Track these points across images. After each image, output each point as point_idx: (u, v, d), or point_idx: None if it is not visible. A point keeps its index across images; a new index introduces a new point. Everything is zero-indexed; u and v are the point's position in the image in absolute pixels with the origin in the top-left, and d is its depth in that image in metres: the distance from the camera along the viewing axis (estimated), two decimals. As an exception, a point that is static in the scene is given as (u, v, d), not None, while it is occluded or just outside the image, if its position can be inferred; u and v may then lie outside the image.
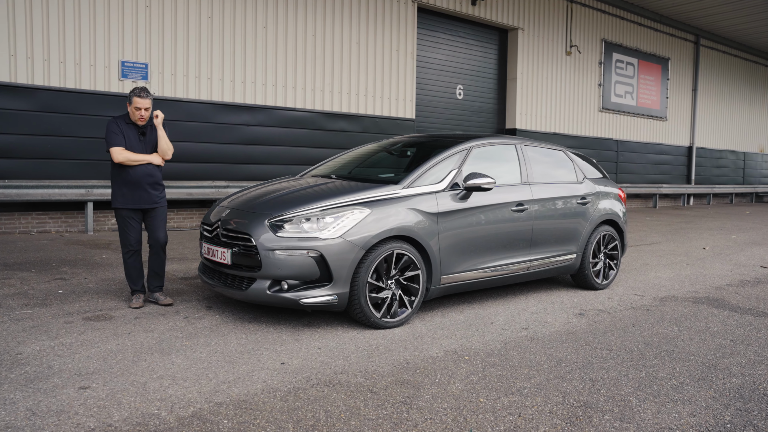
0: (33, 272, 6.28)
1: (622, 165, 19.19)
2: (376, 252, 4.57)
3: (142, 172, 4.95)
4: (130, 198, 4.94)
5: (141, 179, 4.94)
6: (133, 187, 4.93)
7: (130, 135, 4.95)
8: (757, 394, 3.65)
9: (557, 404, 3.39)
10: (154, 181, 5.03)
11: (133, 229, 5.01)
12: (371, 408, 3.25)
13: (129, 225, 4.99)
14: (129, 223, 4.99)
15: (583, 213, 6.18)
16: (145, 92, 4.88)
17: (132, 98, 4.89)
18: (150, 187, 5.00)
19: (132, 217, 4.99)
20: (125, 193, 4.94)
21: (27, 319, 4.62)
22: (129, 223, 4.99)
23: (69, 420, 2.95)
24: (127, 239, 5.01)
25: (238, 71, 10.95)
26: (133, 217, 5.00)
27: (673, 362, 4.18)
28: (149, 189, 4.99)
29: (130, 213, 4.98)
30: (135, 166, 4.91)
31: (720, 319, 5.39)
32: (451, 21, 14.75)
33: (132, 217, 4.99)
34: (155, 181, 5.04)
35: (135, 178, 4.92)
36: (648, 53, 19.93)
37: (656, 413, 3.33)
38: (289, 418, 3.08)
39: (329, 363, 3.92)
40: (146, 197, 5.00)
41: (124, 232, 5.01)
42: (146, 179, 4.97)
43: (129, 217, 4.98)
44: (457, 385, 3.61)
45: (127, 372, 3.61)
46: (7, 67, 8.70)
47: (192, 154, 10.49)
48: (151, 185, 5.00)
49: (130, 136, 4.94)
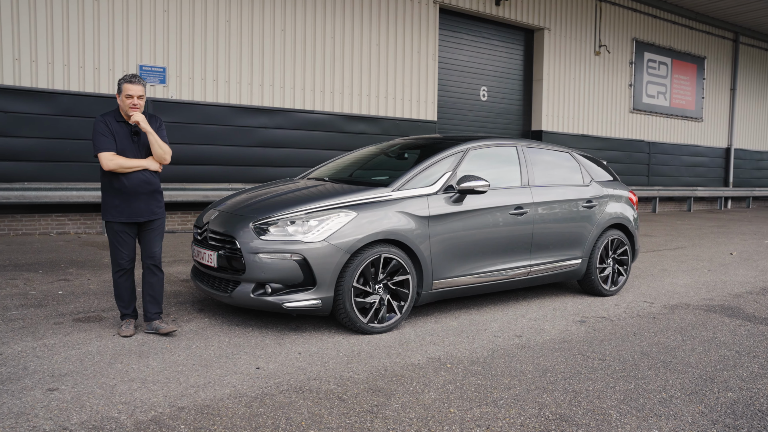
0: (39, 273, 6.39)
1: (655, 167, 18.66)
2: (362, 256, 4.49)
3: (138, 180, 4.24)
4: (125, 210, 4.24)
5: (137, 188, 4.24)
6: (128, 197, 4.22)
7: (122, 136, 4.21)
8: (751, 411, 3.44)
9: (531, 417, 3.25)
10: (152, 189, 4.33)
11: (127, 246, 4.31)
12: (335, 416, 3.16)
13: (122, 241, 4.29)
14: (122, 239, 4.29)
15: (589, 217, 5.98)
16: (137, 78, 4.21)
17: (122, 85, 4.18)
18: (147, 196, 4.30)
19: (125, 232, 4.29)
20: (118, 204, 4.22)
21: (19, 319, 4.68)
22: (122, 238, 4.29)
23: (26, 422, 2.95)
24: (119, 257, 4.31)
25: (255, 74, 11.01)
26: (127, 232, 4.30)
27: (668, 374, 3.97)
28: (147, 199, 4.30)
29: (124, 227, 4.28)
30: (129, 173, 4.21)
31: (730, 329, 5.13)
32: (475, 22, 14.57)
33: (125, 232, 4.29)
34: (153, 189, 4.33)
35: (130, 187, 4.21)
36: (682, 52, 19.34)
37: (635, 428, 3.15)
38: (248, 425, 3.02)
39: (305, 368, 3.85)
40: (144, 209, 4.30)
41: (116, 249, 4.30)
42: (143, 188, 4.26)
43: (122, 231, 4.28)
44: (430, 395, 3.50)
45: (100, 374, 3.61)
46: (29, 72, 8.92)
47: (209, 157, 10.58)
48: (148, 194, 4.30)
49: (121, 137, 4.21)
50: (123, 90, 4.18)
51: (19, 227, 9.08)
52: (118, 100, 4.24)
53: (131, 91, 4.17)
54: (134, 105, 4.19)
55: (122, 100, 4.20)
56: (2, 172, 8.78)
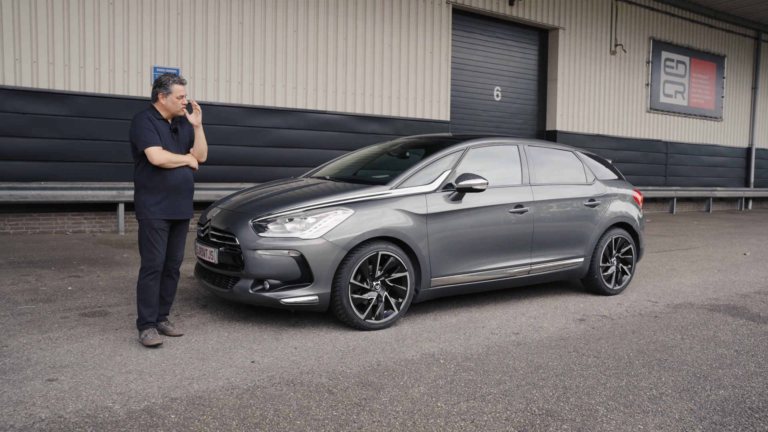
0: (52, 269, 6.56)
1: (672, 167, 18.45)
2: (360, 253, 4.55)
3: (182, 177, 4.21)
4: (169, 207, 4.16)
5: (180, 185, 4.20)
6: (172, 194, 4.17)
7: (164, 133, 4.18)
8: (741, 408, 3.43)
9: (517, 411, 3.28)
10: (191, 187, 4.31)
11: (164, 246, 4.19)
12: (323, 408, 3.23)
13: (160, 240, 4.15)
14: (161, 238, 4.16)
15: (592, 215, 5.97)
16: (184, 79, 4.24)
17: (172, 86, 4.15)
18: (189, 193, 4.28)
19: (164, 230, 4.18)
20: (161, 201, 4.13)
21: (27, 313, 4.83)
22: (161, 237, 4.16)
23: (24, 411, 3.06)
24: (155, 257, 4.14)
25: (268, 75, 11.14)
26: (165, 230, 4.19)
27: (661, 372, 3.97)
28: (188, 196, 4.28)
29: (164, 225, 4.17)
30: (173, 169, 4.16)
31: (732, 328, 5.10)
32: (488, 22, 14.56)
33: (164, 230, 4.18)
34: (192, 187, 4.32)
35: (174, 183, 4.16)
36: (701, 51, 19.10)
37: (620, 424, 3.17)
38: (236, 416, 3.10)
39: (299, 363, 3.92)
40: (185, 207, 4.26)
41: (153, 249, 4.13)
42: (185, 185, 4.23)
43: (162, 230, 4.16)
44: (419, 389, 3.55)
45: (99, 366, 3.72)
46: (46, 74, 9.13)
47: (222, 157, 10.73)
48: (189, 191, 4.29)
49: (164, 134, 4.17)
50: (174, 91, 4.15)
51: (37, 226, 9.31)
52: (162, 100, 4.17)
53: (182, 92, 4.18)
54: (184, 105, 4.23)
55: (172, 100, 4.17)
56: (20, 171, 9.01)
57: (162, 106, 4.18)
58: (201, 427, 2.96)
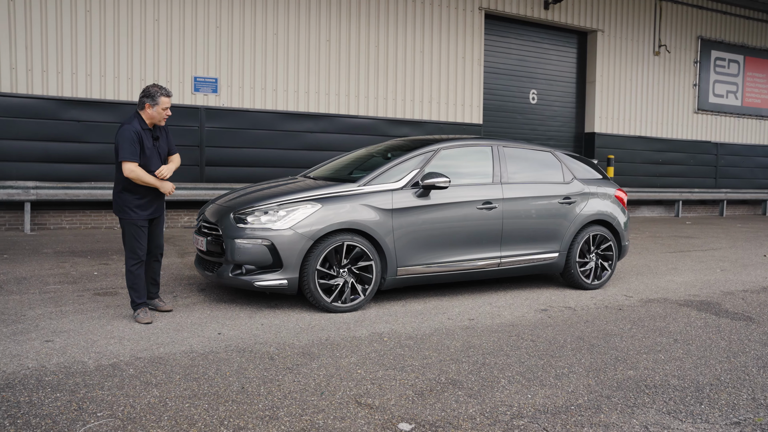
0: (87, 258, 7.46)
1: (723, 169, 17.95)
2: (326, 243, 5.10)
3: None
4: (148, 208, 4.82)
5: (154, 191, 4.85)
6: (149, 198, 4.82)
7: (147, 142, 4.72)
8: (637, 385, 3.73)
9: (426, 380, 3.72)
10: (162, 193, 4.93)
11: (145, 239, 4.85)
12: (258, 370, 3.79)
13: (142, 235, 4.81)
14: (143, 233, 4.81)
15: (566, 213, 6.27)
16: (170, 91, 4.73)
17: (159, 98, 4.64)
18: (160, 197, 4.95)
19: (145, 226, 4.83)
20: (142, 204, 4.77)
21: (52, 292, 5.65)
22: (143, 232, 4.81)
23: (17, 361, 3.79)
24: (139, 249, 4.79)
25: (302, 82, 11.87)
26: (146, 226, 4.84)
27: (587, 355, 4.29)
28: (160, 199, 4.95)
29: (144, 222, 4.82)
30: None
31: (688, 321, 5.30)
32: (523, 26, 14.78)
33: (145, 226, 4.83)
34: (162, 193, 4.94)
35: (151, 190, 4.82)
36: (757, 48, 18.48)
37: (511, 393, 3.56)
38: (182, 371, 3.71)
39: (258, 335, 4.50)
40: (159, 206, 4.95)
41: (137, 243, 4.78)
42: (158, 191, 4.88)
43: (143, 226, 4.81)
44: (350, 359, 4.05)
45: (91, 333, 4.43)
46: (99, 85, 10.20)
47: (257, 159, 11.53)
48: (160, 195, 4.94)
49: (147, 145, 4.71)
50: (160, 102, 4.65)
51: (89, 221, 10.38)
52: (149, 110, 4.67)
53: (168, 104, 4.68)
54: (167, 115, 4.78)
55: (158, 110, 4.67)
56: (75, 172, 10.09)
57: (147, 115, 4.71)
58: (150, 379, 3.59)
